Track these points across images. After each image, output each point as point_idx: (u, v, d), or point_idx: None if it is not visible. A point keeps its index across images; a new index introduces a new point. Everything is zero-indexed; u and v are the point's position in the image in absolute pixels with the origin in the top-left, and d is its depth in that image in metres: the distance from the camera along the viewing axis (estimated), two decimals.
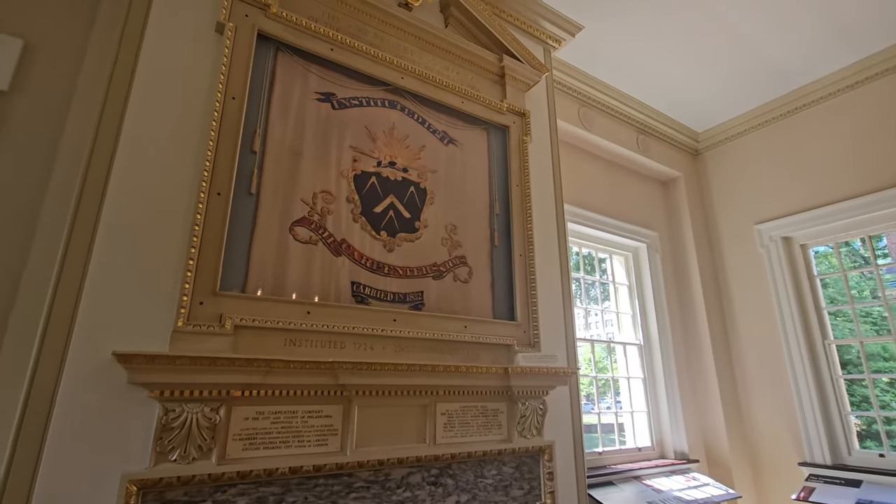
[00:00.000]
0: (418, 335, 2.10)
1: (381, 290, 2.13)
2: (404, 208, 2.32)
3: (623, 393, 3.97)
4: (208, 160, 1.77)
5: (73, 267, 1.53)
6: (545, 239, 2.78)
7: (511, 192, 2.69)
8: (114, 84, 1.74)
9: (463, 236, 2.48)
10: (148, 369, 1.42)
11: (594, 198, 3.99)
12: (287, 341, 1.80)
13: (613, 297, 4.19)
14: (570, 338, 2.71)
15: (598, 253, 4.21)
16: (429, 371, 1.97)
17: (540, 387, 2.33)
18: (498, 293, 2.50)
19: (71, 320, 1.49)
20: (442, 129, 2.59)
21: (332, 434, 1.79)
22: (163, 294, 1.62)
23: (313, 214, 2.04)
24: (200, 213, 1.71)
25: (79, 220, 1.57)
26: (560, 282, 2.78)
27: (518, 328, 2.46)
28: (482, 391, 2.20)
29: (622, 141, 4.14)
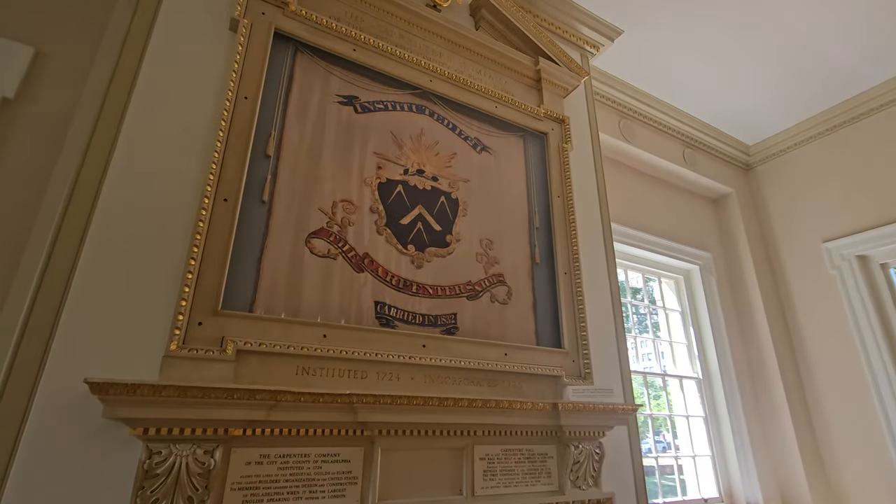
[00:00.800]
0: (451, 364, 1.80)
1: (409, 311, 1.86)
2: (434, 220, 2.07)
3: (681, 433, 3.50)
4: (215, 163, 1.58)
5: (55, 279, 1.33)
6: (592, 255, 2.47)
7: (552, 204, 2.41)
8: (114, 84, 1.59)
9: (500, 252, 2.20)
10: (127, 401, 1.18)
11: (639, 215, 3.66)
12: (299, 370, 1.53)
13: (665, 325, 3.77)
14: (624, 368, 2.35)
15: (646, 275, 3.84)
16: (465, 407, 1.66)
17: (595, 427, 1.97)
18: (541, 316, 2.18)
19: (47, 340, 1.27)
20: (474, 135, 2.36)
21: (350, 483, 1.49)
22: (156, 312, 1.40)
23: (332, 225, 1.81)
24: (203, 221, 1.50)
25: (65, 227, 1.38)
26: (610, 303, 2.44)
27: (566, 357, 2.12)
28: (528, 431, 1.86)
29: (667, 155, 3.83)
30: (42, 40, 1.99)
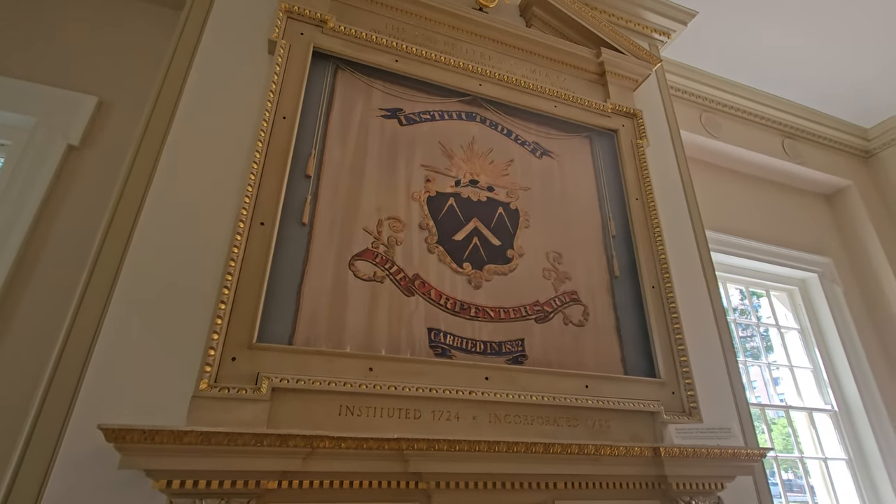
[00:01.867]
0: (521, 399, 1.51)
1: (468, 338, 1.62)
2: (492, 234, 1.84)
3: (816, 479, 2.84)
4: (251, 185, 1.48)
5: (89, 314, 1.26)
6: (684, 265, 2.09)
7: (630, 208, 2.08)
8: (154, 117, 1.56)
9: (571, 266, 1.90)
10: (145, 450, 1.04)
11: (735, 219, 3.16)
12: (343, 409, 1.33)
13: (781, 347, 3.17)
14: (741, 401, 1.91)
15: (750, 289, 3.29)
16: (540, 453, 1.36)
17: (711, 477, 1.56)
18: (628, 339, 1.84)
19: (77, 380, 1.18)
20: (532, 139, 2.12)
21: None
22: (187, 348, 1.28)
23: (378, 245, 1.64)
24: (238, 246, 1.39)
25: (101, 259, 1.32)
26: (713, 321, 2.03)
27: (663, 388, 1.75)
28: (622, 483, 1.50)
29: (763, 148, 3.32)
30: (105, 89, 2.08)
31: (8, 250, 1.67)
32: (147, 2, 2.37)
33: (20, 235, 1.69)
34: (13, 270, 1.63)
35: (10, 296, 1.61)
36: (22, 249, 1.68)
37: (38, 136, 1.87)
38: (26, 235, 1.70)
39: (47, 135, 1.88)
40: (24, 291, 1.63)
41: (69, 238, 1.73)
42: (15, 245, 1.68)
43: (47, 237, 1.74)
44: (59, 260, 1.69)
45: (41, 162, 1.85)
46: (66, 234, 1.74)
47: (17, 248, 1.67)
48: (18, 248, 1.67)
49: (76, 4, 2.23)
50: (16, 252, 1.66)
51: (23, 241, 1.69)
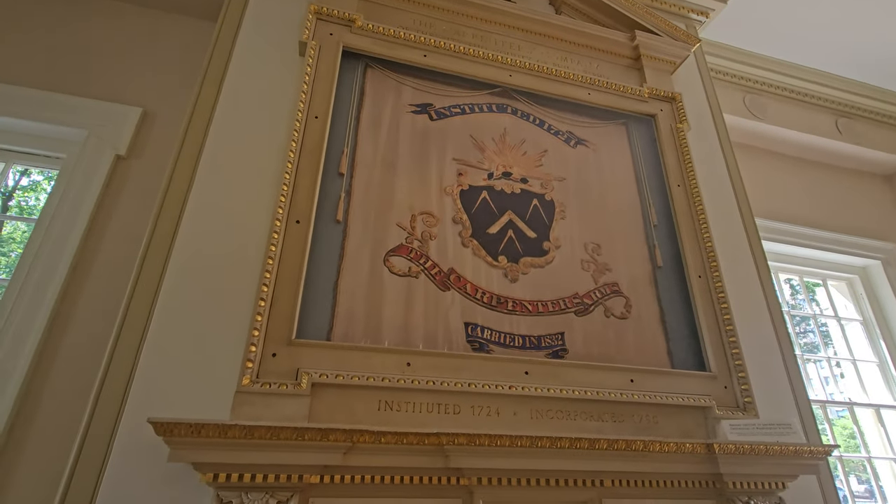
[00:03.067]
0: (563, 394, 1.46)
1: (506, 332, 1.58)
2: (527, 226, 1.80)
3: (887, 481, 2.64)
4: (286, 184, 1.50)
5: (136, 318, 1.30)
6: (732, 253, 1.98)
7: (671, 195, 2.00)
8: (193, 124, 1.61)
9: (611, 257, 1.84)
10: (192, 443, 1.06)
11: (785, 205, 2.99)
12: (382, 404, 1.33)
13: (842, 340, 2.97)
14: (800, 396, 1.79)
15: (806, 278, 3.09)
16: (585, 449, 1.31)
17: (772, 476, 1.46)
18: (674, 331, 1.75)
19: (128, 380, 1.23)
20: (566, 129, 2.07)
21: None
22: (230, 345, 1.31)
23: (412, 241, 1.63)
24: (275, 245, 1.41)
25: (146, 266, 1.37)
26: (767, 311, 1.91)
27: (715, 382, 1.66)
28: (673, 481, 1.43)
29: (814, 128, 3.13)
30: (148, 100, 2.17)
31: (65, 256, 1.76)
32: (185, 15, 2.46)
33: (75, 241, 1.78)
34: (70, 274, 1.72)
35: (67, 298, 1.69)
36: (77, 255, 1.76)
37: (88, 148, 1.97)
38: (81, 241, 1.78)
39: (97, 146, 1.98)
40: (80, 294, 1.71)
41: (120, 243, 1.81)
42: (71, 251, 1.77)
43: (100, 243, 1.83)
44: (111, 264, 1.77)
45: (92, 173, 1.94)
46: (117, 239, 1.82)
47: (72, 253, 1.75)
48: (74, 254, 1.75)
49: (119, 22, 2.34)
50: (72, 257, 1.75)
51: (78, 247, 1.78)
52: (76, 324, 1.64)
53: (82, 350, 1.58)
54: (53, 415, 1.41)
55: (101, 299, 1.67)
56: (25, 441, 1.43)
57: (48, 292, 1.69)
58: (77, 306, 1.68)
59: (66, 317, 1.65)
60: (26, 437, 1.44)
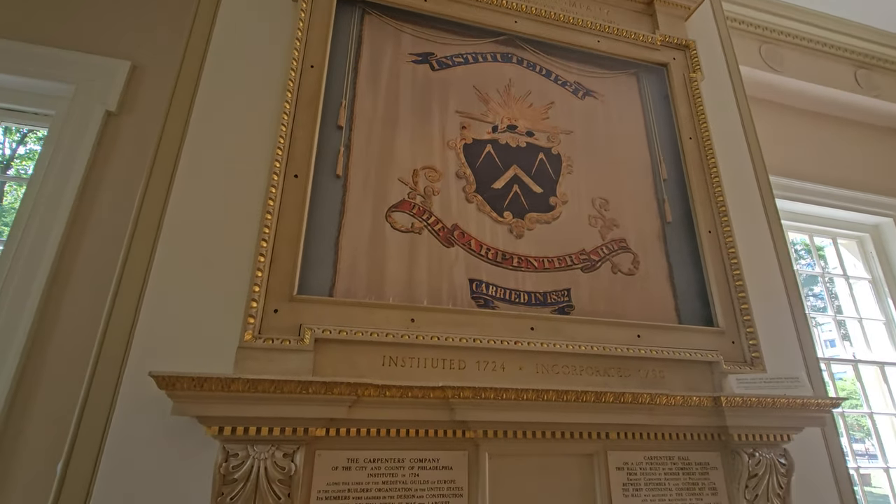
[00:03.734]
0: (568, 349, 1.45)
1: (512, 288, 1.55)
2: (533, 181, 1.74)
3: (886, 434, 2.67)
4: (282, 137, 1.44)
5: (134, 273, 1.28)
6: (744, 207, 1.93)
7: (683, 148, 1.93)
8: (183, 75, 1.54)
9: (619, 212, 1.79)
10: (195, 397, 1.05)
11: (799, 162, 2.90)
12: (386, 360, 1.32)
13: (849, 298, 2.94)
14: (808, 352, 1.77)
15: (814, 236, 3.04)
16: (591, 402, 1.30)
17: (776, 429, 1.46)
18: (682, 287, 1.72)
19: (128, 337, 1.21)
20: (574, 79, 1.98)
21: (455, 495, 1.23)
22: (231, 301, 1.28)
23: (415, 196, 1.58)
24: (273, 199, 1.36)
25: (141, 221, 1.33)
26: (778, 266, 1.88)
27: (723, 337, 1.64)
28: (679, 434, 1.43)
29: (832, 80, 3.00)
30: (136, 53, 2.07)
31: (60, 214, 1.72)
32: None
33: (69, 201, 1.74)
34: (66, 232, 1.69)
35: (64, 257, 1.67)
36: (72, 214, 1.73)
37: (77, 104, 1.90)
38: (75, 201, 1.74)
39: (86, 102, 1.90)
40: (77, 253, 1.68)
41: (115, 201, 1.77)
42: (66, 210, 1.73)
43: (94, 202, 1.79)
44: (107, 222, 1.74)
45: (83, 130, 1.88)
46: (112, 197, 1.78)
47: (67, 212, 1.72)
48: (69, 213, 1.72)
49: None
50: (66, 217, 1.71)
51: (72, 206, 1.74)
52: (75, 283, 1.62)
53: (82, 308, 1.56)
54: (57, 373, 1.41)
55: (98, 258, 1.64)
56: (31, 399, 1.43)
57: (45, 253, 1.66)
58: (75, 265, 1.65)
59: (64, 276, 1.63)
60: (32, 395, 1.45)
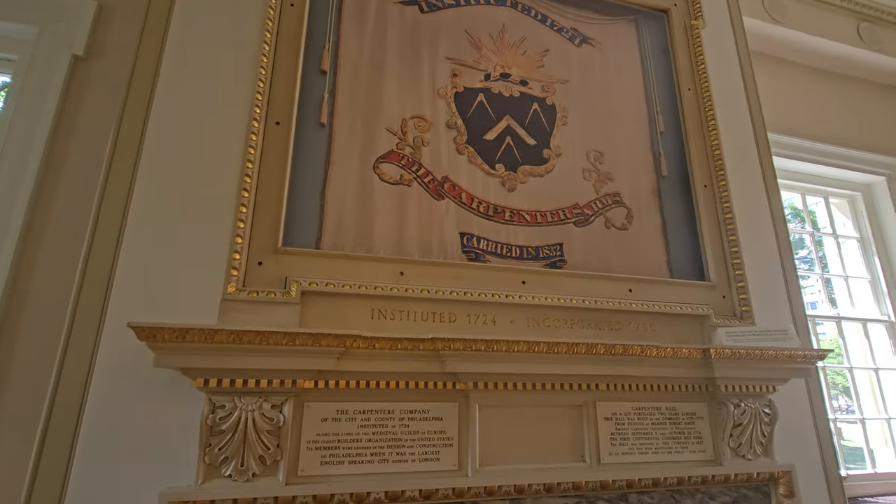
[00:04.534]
0: (560, 303, 1.44)
1: (503, 242, 1.52)
2: (526, 133, 1.68)
3: (864, 389, 2.75)
4: (261, 80, 1.36)
5: (108, 228, 1.22)
6: (741, 162, 1.89)
7: (681, 100, 1.87)
8: (151, 13, 1.43)
9: (613, 166, 1.74)
10: (178, 348, 1.02)
11: (795, 118, 2.84)
12: (375, 313, 1.29)
13: (837, 257, 2.96)
14: (797, 307, 1.78)
15: (807, 195, 3.02)
16: (582, 354, 1.30)
17: (762, 380, 1.48)
18: (675, 242, 1.70)
19: (105, 289, 1.17)
20: (570, 25, 1.88)
21: (445, 445, 1.24)
22: (212, 253, 1.24)
23: (403, 147, 1.52)
24: (254, 147, 1.30)
25: (114, 170, 1.27)
26: (771, 222, 1.86)
27: (714, 291, 1.63)
28: (667, 385, 1.45)
29: (834, 33, 2.91)
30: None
31: (29, 168, 1.63)
32: None
33: (39, 151, 1.64)
34: (37, 186, 1.60)
35: (37, 211, 1.59)
36: (42, 166, 1.64)
37: (41, 47, 1.76)
38: (44, 152, 1.65)
39: (51, 45, 1.77)
40: (50, 207, 1.60)
41: (87, 150, 1.67)
42: (35, 162, 1.64)
43: (65, 154, 1.69)
44: (79, 174, 1.64)
45: (49, 75, 1.75)
46: (83, 148, 1.68)
47: (36, 164, 1.62)
48: (38, 165, 1.63)
49: None
50: (36, 169, 1.62)
51: (41, 158, 1.65)
52: (48, 237, 1.55)
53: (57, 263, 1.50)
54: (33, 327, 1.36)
55: (71, 211, 1.56)
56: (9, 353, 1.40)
57: (14, 210, 1.58)
58: (48, 219, 1.58)
59: (37, 230, 1.56)
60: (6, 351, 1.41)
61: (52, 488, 1.04)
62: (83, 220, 1.29)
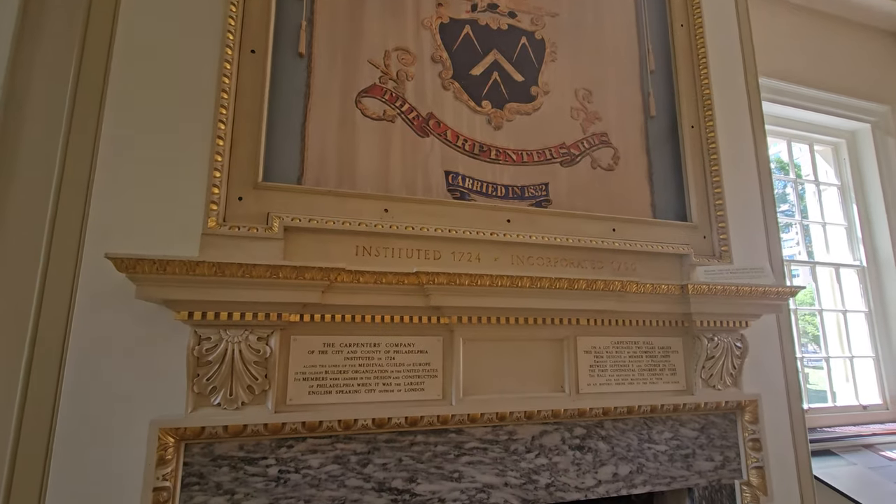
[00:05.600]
0: (544, 241, 1.45)
1: (489, 182, 1.51)
2: (514, 68, 1.63)
3: (831, 332, 2.88)
4: (234, 3, 1.27)
5: (77, 163, 1.17)
6: (729, 103, 1.87)
7: (673, 37, 1.81)
8: None
9: (602, 105, 1.71)
10: (159, 280, 1.01)
11: (781, 62, 2.79)
12: (359, 249, 1.29)
13: (816, 204, 3.01)
14: (774, 248, 1.82)
15: (792, 141, 3.03)
16: (564, 289, 1.32)
17: (736, 315, 1.54)
18: (659, 183, 1.71)
19: (81, 224, 1.14)
20: None
21: (429, 376, 1.28)
22: (190, 188, 1.21)
23: (386, 81, 1.47)
24: (228, 76, 1.24)
25: (79, 103, 1.20)
26: (755, 166, 1.87)
27: (695, 232, 1.66)
28: (646, 320, 1.49)
29: None
30: None
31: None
32: None
33: None
34: None
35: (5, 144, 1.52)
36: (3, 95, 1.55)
37: None
38: (4, 81, 1.55)
39: None
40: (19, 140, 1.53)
41: (49, 84, 1.58)
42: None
43: (27, 87, 1.60)
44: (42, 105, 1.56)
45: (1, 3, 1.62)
46: (45, 79, 1.59)
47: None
48: None
49: None
50: None
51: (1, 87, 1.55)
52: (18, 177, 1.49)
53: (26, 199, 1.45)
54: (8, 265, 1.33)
55: (38, 146, 1.50)
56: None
57: None
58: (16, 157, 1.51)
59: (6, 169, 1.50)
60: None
61: (41, 421, 1.06)
62: (49, 158, 1.23)
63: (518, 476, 1.30)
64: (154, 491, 1.03)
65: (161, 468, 1.03)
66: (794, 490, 1.67)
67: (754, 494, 1.53)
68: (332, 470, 1.15)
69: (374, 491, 1.18)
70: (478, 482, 1.26)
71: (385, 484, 1.19)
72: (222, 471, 1.09)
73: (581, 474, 1.36)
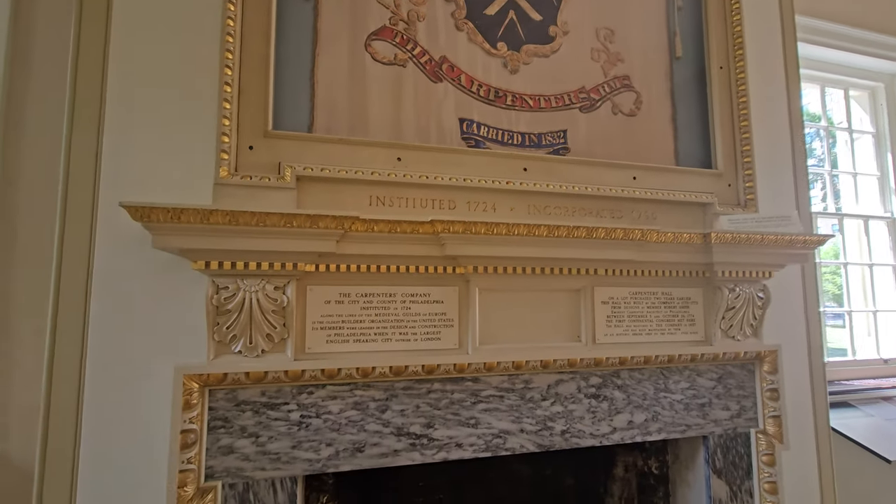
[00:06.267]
0: (561, 189, 1.41)
1: (504, 129, 1.45)
2: (531, 6, 1.53)
3: (855, 286, 2.81)
4: None
5: (85, 115, 1.15)
6: (762, 43, 1.76)
7: None
8: None
9: (624, 46, 1.61)
10: (174, 229, 1.01)
11: None
12: (373, 199, 1.27)
13: (847, 155, 2.87)
14: (802, 197, 1.75)
15: (827, 88, 2.86)
16: (582, 238, 1.29)
17: (759, 265, 1.50)
18: (684, 129, 1.63)
19: (94, 177, 1.14)
20: None
21: (446, 326, 1.28)
22: (200, 137, 1.19)
23: (397, 22, 1.39)
24: (233, 19, 1.19)
25: (82, 55, 1.17)
26: (787, 110, 1.77)
27: (719, 180, 1.60)
28: (665, 270, 1.46)
29: None
30: None
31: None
32: None
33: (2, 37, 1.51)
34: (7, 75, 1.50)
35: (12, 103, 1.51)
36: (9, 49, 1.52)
37: None
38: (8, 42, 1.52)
39: None
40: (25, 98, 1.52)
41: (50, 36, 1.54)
42: None
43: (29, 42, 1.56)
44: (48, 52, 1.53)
45: None
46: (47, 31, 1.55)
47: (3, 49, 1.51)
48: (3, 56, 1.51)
49: None
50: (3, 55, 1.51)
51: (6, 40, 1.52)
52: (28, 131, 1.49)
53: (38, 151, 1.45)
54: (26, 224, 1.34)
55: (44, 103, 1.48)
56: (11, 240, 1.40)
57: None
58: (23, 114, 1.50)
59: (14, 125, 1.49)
60: None
61: (71, 370, 1.09)
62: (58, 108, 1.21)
63: (534, 423, 1.32)
64: (182, 433, 1.06)
65: (187, 412, 1.07)
66: (811, 439, 1.68)
67: (770, 442, 1.53)
68: (351, 415, 1.18)
69: (394, 435, 1.20)
70: (494, 428, 1.28)
71: (403, 429, 1.21)
72: (246, 415, 1.12)
73: (596, 422, 1.38)
